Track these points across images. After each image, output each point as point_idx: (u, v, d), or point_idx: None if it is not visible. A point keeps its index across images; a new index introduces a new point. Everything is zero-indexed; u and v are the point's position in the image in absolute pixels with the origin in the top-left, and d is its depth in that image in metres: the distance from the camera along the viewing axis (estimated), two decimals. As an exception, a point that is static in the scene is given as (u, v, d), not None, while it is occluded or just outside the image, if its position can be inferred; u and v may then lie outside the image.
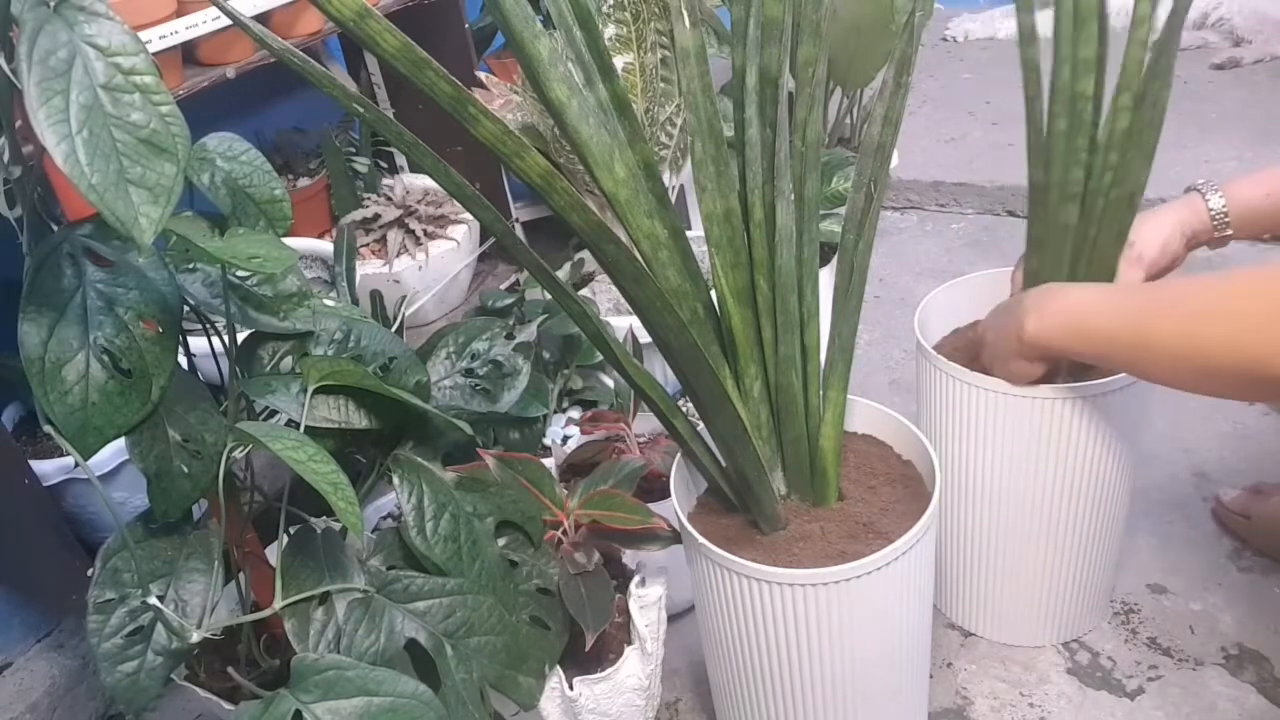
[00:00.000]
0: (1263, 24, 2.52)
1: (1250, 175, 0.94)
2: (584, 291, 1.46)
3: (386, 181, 1.65)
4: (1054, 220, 0.90)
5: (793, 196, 0.74)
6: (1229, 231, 0.94)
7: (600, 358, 1.19)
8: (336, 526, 0.73)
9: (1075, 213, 0.89)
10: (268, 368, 0.73)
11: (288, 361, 0.73)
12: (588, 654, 0.81)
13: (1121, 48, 0.83)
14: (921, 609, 0.83)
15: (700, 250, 0.88)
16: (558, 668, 0.81)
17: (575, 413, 1.17)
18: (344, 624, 0.67)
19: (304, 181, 1.58)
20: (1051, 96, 0.87)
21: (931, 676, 1.06)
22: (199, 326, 0.71)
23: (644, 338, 1.20)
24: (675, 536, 0.85)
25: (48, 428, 0.61)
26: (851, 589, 0.74)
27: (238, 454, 0.69)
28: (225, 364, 0.72)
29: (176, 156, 0.54)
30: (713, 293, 0.78)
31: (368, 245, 1.52)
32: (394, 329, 1.15)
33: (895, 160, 1.53)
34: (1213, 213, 0.93)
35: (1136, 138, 0.85)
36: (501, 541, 0.79)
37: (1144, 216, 0.92)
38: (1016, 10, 0.86)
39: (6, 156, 0.60)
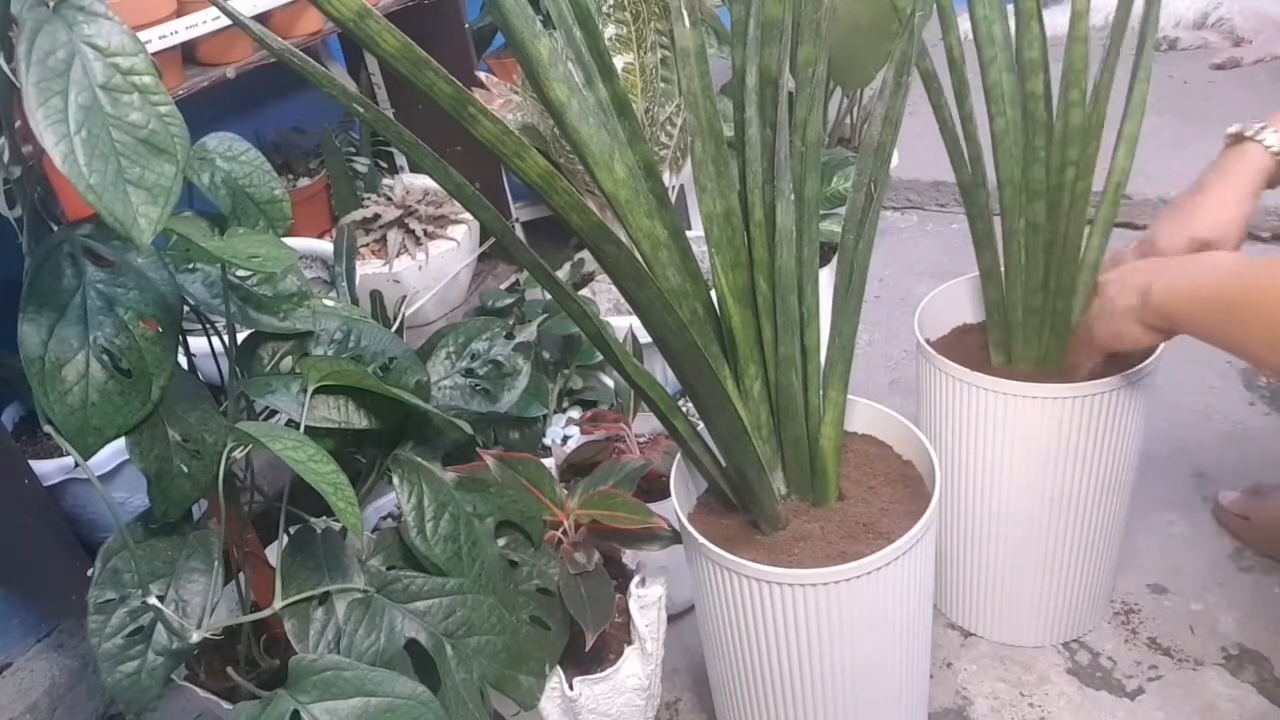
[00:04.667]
0: (1263, 24, 2.52)
1: None
2: (584, 291, 1.46)
3: (386, 181, 1.65)
4: (1017, 218, 0.90)
5: (793, 196, 0.74)
6: None
7: (600, 358, 1.19)
8: (336, 526, 0.73)
9: (1043, 210, 0.90)
10: (268, 368, 0.73)
11: (288, 361, 0.73)
12: (588, 654, 0.81)
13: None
14: (921, 609, 0.83)
15: (700, 250, 0.88)
16: (558, 668, 0.81)
17: (575, 413, 1.17)
18: (344, 624, 0.67)
19: (304, 181, 1.58)
20: (987, 97, 0.88)
21: (931, 676, 1.06)
22: (199, 326, 0.71)
23: (644, 338, 1.20)
24: (675, 536, 0.85)
25: (48, 428, 0.61)
26: (851, 589, 0.74)
27: (238, 454, 0.69)
28: (225, 364, 0.72)
29: (175, 156, 0.54)
30: (713, 293, 0.78)
31: (368, 245, 1.51)
32: (394, 329, 1.15)
33: (895, 160, 1.53)
34: (1273, 150, 0.87)
35: (1095, 131, 0.85)
36: (501, 541, 0.79)
37: (1198, 204, 0.88)
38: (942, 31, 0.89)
39: (6, 156, 0.60)
